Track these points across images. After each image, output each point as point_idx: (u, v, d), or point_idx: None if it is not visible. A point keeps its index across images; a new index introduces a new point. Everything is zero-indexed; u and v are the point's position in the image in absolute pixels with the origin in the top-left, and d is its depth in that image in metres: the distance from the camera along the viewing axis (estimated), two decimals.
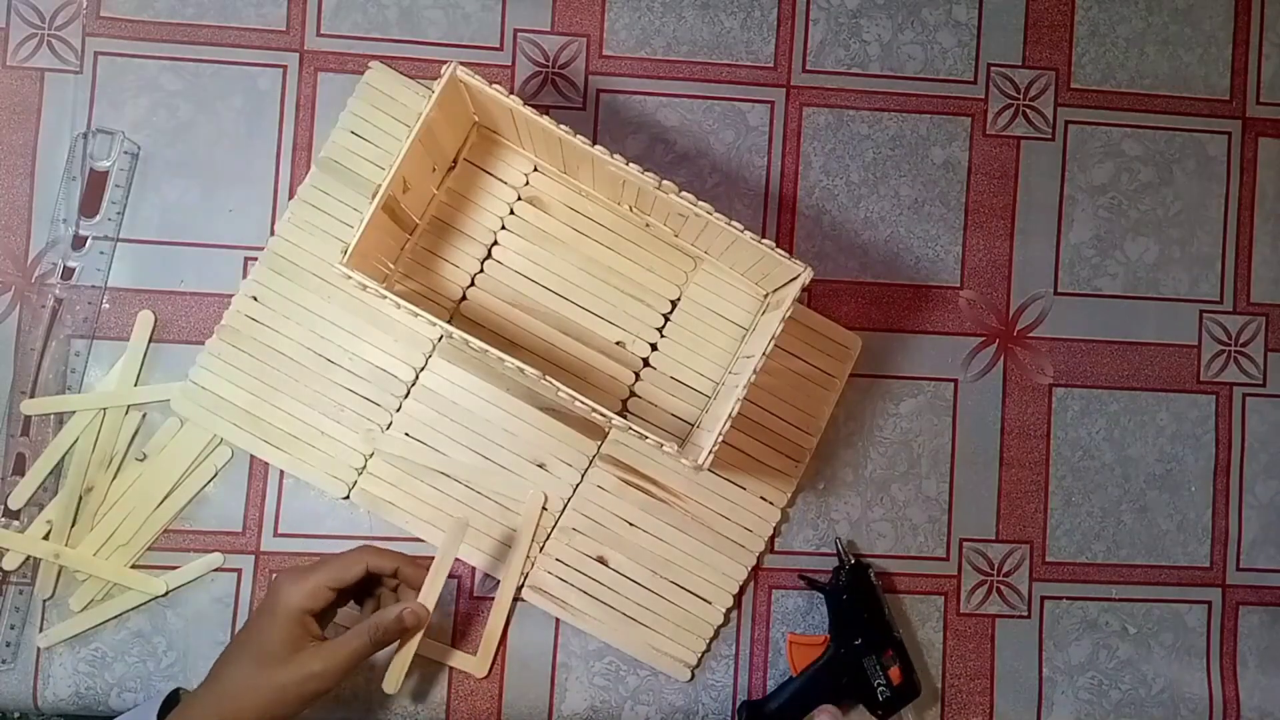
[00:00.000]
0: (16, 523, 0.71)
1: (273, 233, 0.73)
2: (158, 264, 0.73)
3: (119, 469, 0.72)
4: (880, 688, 0.71)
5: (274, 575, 0.66)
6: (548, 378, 0.63)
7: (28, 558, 0.71)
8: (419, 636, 0.66)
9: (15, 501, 0.71)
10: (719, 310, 0.74)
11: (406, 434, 0.73)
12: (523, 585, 0.73)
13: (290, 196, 0.73)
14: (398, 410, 0.73)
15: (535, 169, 0.74)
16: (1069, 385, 0.78)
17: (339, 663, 0.61)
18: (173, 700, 0.64)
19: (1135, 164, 0.79)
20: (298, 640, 0.61)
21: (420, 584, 0.66)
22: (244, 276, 0.73)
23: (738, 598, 0.74)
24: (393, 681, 0.66)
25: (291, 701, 0.61)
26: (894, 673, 0.71)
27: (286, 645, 0.61)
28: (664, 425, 0.74)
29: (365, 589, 0.67)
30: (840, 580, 0.73)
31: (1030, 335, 0.78)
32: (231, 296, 0.73)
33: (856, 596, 0.72)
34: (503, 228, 0.74)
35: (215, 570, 0.72)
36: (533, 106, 0.64)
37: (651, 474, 0.74)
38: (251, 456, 0.73)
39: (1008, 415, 0.77)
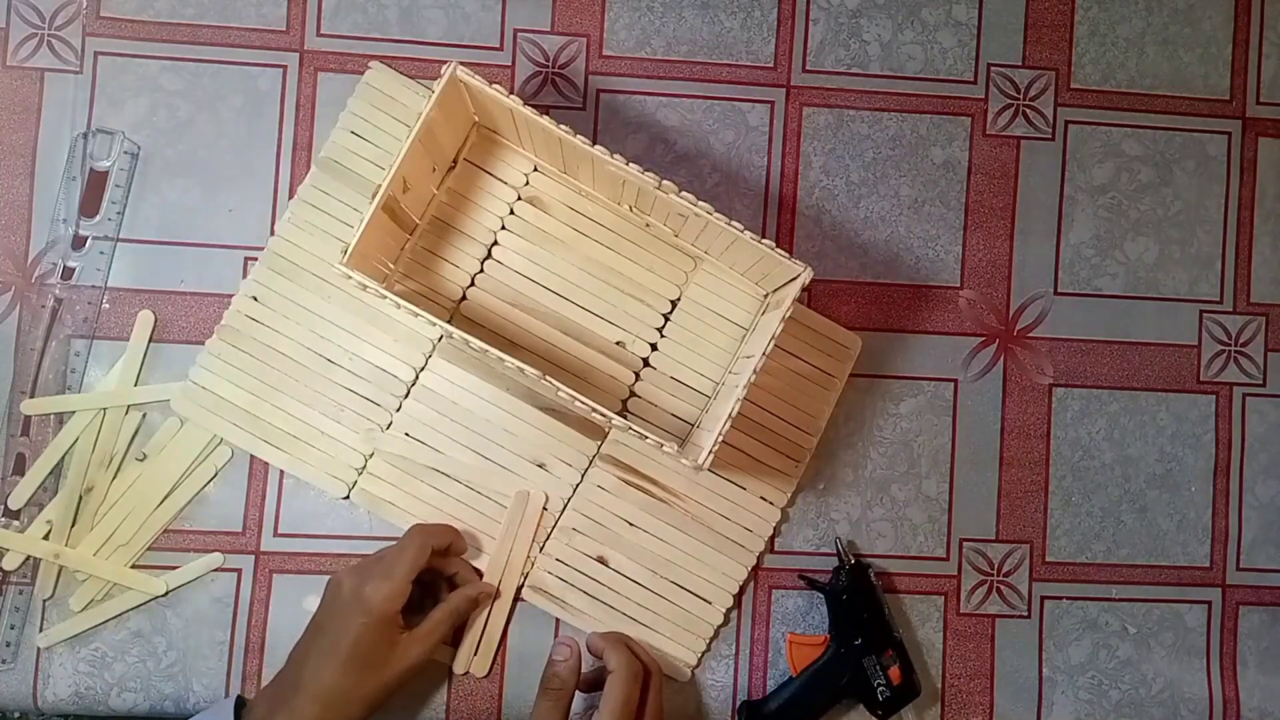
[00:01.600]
0: (16, 523, 0.71)
1: (273, 233, 0.73)
2: (158, 264, 0.73)
3: (119, 469, 0.72)
4: (880, 688, 0.71)
5: (341, 579, 0.66)
6: (548, 378, 0.63)
7: (28, 557, 0.71)
8: (485, 618, 0.72)
9: (15, 501, 0.71)
10: (719, 310, 0.74)
11: (406, 434, 0.73)
12: (523, 585, 0.73)
13: (290, 196, 0.73)
14: (398, 410, 0.73)
15: (535, 169, 0.74)
16: (1069, 385, 0.78)
17: (431, 646, 0.67)
18: (240, 706, 0.66)
19: (1135, 164, 0.79)
20: (394, 638, 0.65)
21: (464, 550, 0.72)
22: (244, 276, 0.73)
23: (738, 598, 0.74)
24: (464, 662, 0.72)
25: (394, 691, 0.65)
26: (894, 673, 0.71)
27: (386, 646, 0.65)
28: (664, 425, 0.74)
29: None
30: (840, 580, 0.73)
31: (1030, 335, 0.78)
32: (231, 296, 0.73)
33: (856, 596, 0.72)
34: (503, 228, 0.74)
35: (215, 570, 0.72)
36: (533, 106, 0.64)
37: (651, 474, 0.74)
38: (251, 456, 0.73)
39: (1008, 415, 0.77)
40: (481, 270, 0.73)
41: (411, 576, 0.66)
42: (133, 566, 0.71)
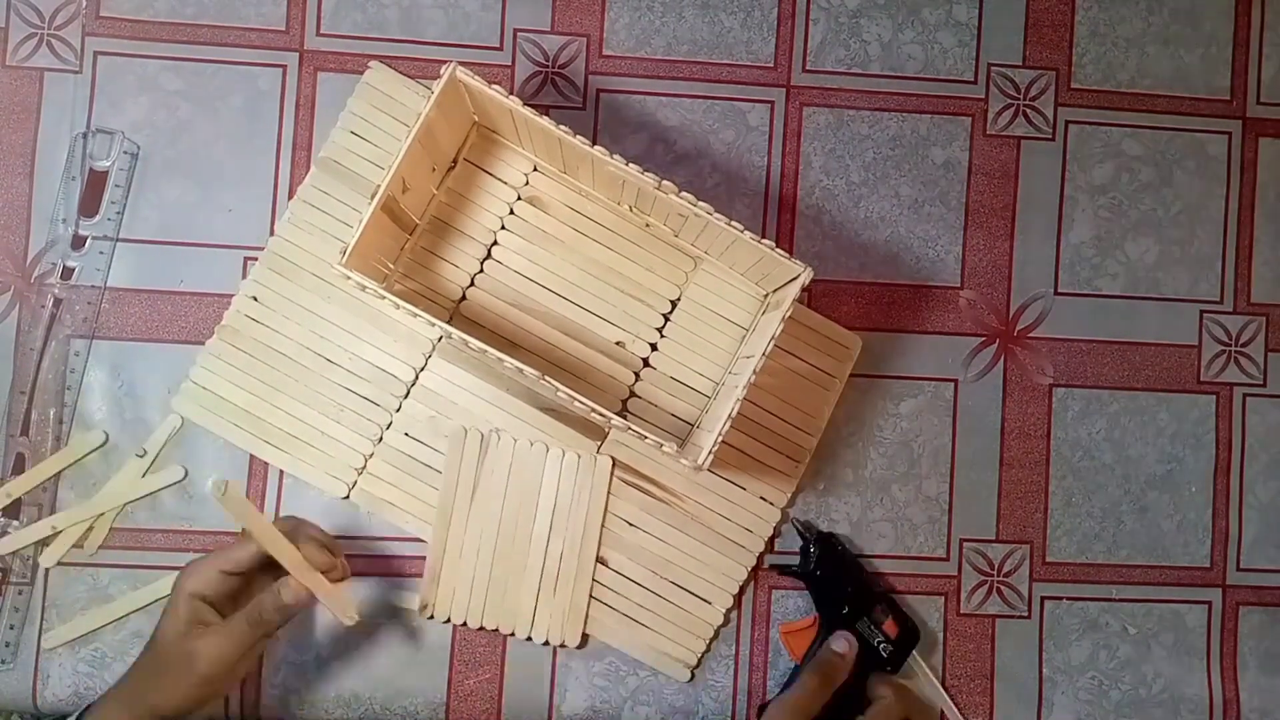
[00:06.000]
0: (16, 522, 0.71)
1: (273, 233, 0.73)
2: (157, 264, 0.73)
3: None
4: (881, 644, 0.71)
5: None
6: (547, 378, 0.63)
7: (30, 557, 0.71)
8: (571, 591, 0.71)
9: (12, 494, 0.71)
10: (719, 310, 0.74)
11: (406, 434, 0.73)
12: (599, 550, 0.73)
13: (290, 196, 0.73)
14: (398, 410, 0.73)
15: (535, 169, 0.74)
16: (1069, 385, 0.78)
17: (221, 645, 0.60)
18: None
19: (1135, 164, 0.79)
20: (191, 626, 0.60)
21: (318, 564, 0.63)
22: (244, 276, 0.73)
23: (738, 598, 0.74)
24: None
25: (191, 685, 0.60)
26: (889, 626, 0.72)
27: (180, 632, 0.60)
28: (664, 425, 0.74)
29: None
30: (811, 559, 0.73)
31: (1030, 335, 0.78)
32: (231, 296, 0.73)
33: (829, 568, 0.72)
34: (502, 228, 0.74)
35: None
36: (532, 106, 0.64)
37: (651, 474, 0.74)
38: (251, 456, 0.73)
39: (1008, 415, 0.77)
40: (481, 270, 0.73)
41: (224, 565, 0.61)
42: (103, 547, 0.71)
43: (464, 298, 0.73)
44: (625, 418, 0.69)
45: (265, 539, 0.61)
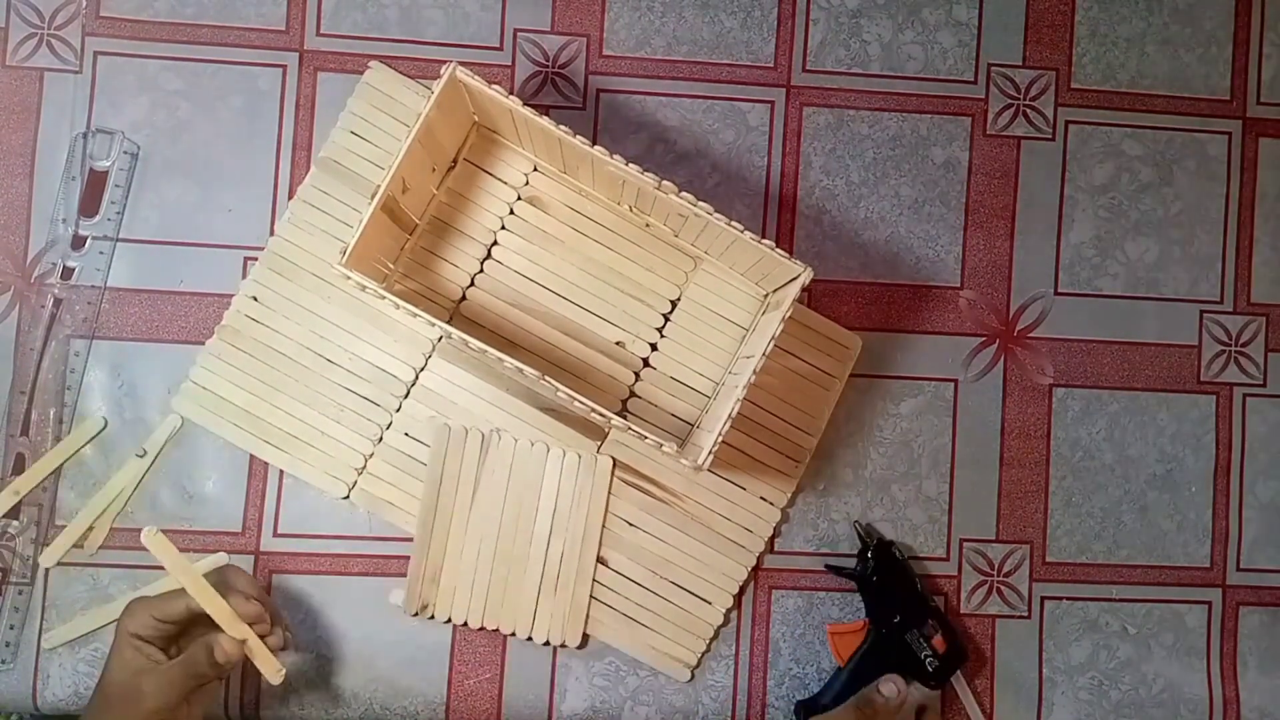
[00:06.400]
0: (16, 522, 0.71)
1: (272, 233, 0.73)
2: (157, 264, 0.73)
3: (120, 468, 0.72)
4: (928, 658, 0.72)
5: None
6: (547, 378, 0.63)
7: (30, 557, 0.71)
8: (571, 590, 0.71)
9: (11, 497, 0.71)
10: (719, 310, 0.74)
11: (406, 434, 0.73)
12: (599, 550, 0.73)
13: (290, 196, 0.73)
14: (398, 410, 0.73)
15: (535, 169, 0.74)
16: (1069, 385, 0.78)
17: (163, 686, 0.61)
18: None
19: (1135, 164, 0.79)
20: (136, 664, 0.62)
21: (251, 617, 0.64)
22: (244, 276, 0.73)
23: (738, 598, 0.74)
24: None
25: None
26: (938, 642, 0.72)
27: (126, 670, 0.62)
28: (664, 425, 0.74)
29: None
30: (868, 564, 0.73)
31: (1030, 335, 0.78)
32: (231, 296, 0.73)
33: (886, 575, 0.73)
34: (503, 228, 0.74)
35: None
36: (532, 106, 0.64)
37: (651, 474, 0.74)
38: (251, 456, 0.73)
39: (1008, 415, 0.77)
40: (481, 270, 0.73)
41: (161, 615, 0.62)
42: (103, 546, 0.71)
43: (464, 298, 0.73)
44: (625, 418, 0.69)
45: (195, 591, 0.62)
